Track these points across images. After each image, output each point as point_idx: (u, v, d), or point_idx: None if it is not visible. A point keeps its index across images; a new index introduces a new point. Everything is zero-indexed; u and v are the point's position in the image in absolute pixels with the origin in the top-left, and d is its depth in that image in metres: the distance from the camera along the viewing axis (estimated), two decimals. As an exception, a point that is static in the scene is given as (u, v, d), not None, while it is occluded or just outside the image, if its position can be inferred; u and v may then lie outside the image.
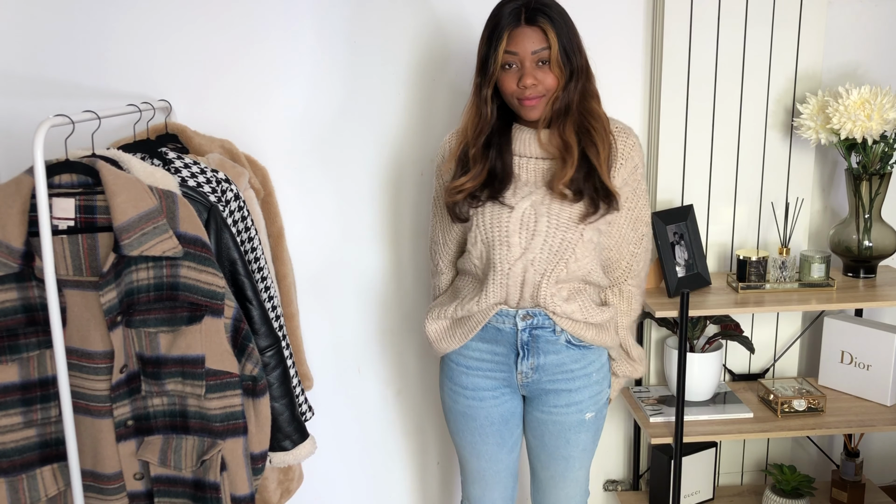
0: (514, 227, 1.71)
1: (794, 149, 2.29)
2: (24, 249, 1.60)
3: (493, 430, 1.87)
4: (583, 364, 1.81)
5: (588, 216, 1.71)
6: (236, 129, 2.18)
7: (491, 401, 1.85)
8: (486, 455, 1.90)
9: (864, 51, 2.30)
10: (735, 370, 2.43)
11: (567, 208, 1.71)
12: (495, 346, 1.80)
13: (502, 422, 1.87)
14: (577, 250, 1.72)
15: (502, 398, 1.85)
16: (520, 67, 1.66)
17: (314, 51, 2.19)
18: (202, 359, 1.64)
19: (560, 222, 1.71)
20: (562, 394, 1.81)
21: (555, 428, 1.84)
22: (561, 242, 1.71)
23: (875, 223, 2.21)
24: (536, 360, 1.78)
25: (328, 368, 2.39)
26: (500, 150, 1.74)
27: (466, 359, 1.84)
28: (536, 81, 1.65)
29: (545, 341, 1.77)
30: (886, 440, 2.55)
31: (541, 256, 1.71)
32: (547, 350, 1.78)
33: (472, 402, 1.85)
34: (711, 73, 2.22)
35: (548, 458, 1.88)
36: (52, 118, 1.56)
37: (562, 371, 1.79)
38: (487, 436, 1.87)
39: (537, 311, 1.75)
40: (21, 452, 1.67)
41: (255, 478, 1.76)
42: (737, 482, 2.51)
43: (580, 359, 1.80)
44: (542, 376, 1.80)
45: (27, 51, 2.14)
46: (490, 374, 1.83)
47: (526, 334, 1.76)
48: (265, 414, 1.75)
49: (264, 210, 2.10)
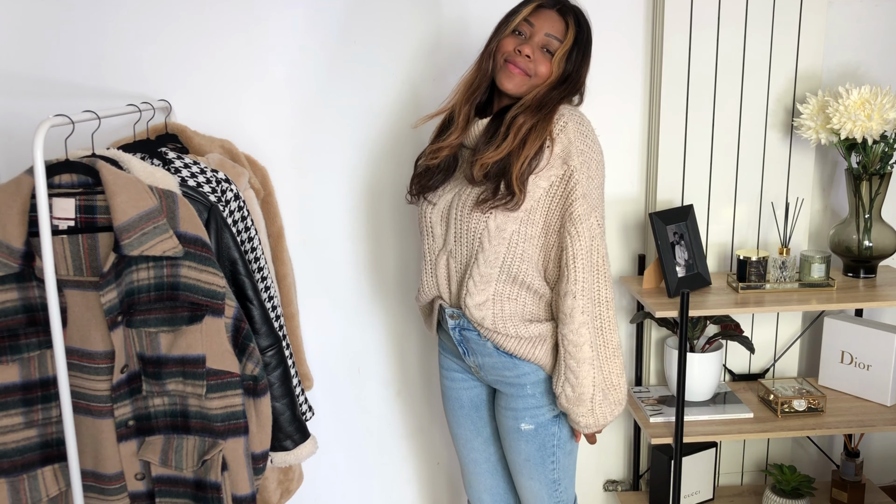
0: (437, 217, 1.74)
1: (794, 149, 2.29)
2: (24, 249, 1.59)
3: (465, 414, 1.91)
4: (516, 374, 1.74)
5: (484, 202, 1.63)
6: (236, 129, 2.18)
7: (461, 383, 1.89)
8: (462, 439, 1.94)
9: (864, 51, 2.30)
10: (735, 370, 2.43)
11: (470, 192, 1.67)
12: (449, 341, 1.85)
13: (472, 407, 1.90)
14: (483, 242, 1.65)
15: (470, 383, 1.88)
16: (526, 39, 1.66)
17: (314, 51, 2.19)
18: (203, 358, 1.64)
19: (465, 208, 1.68)
20: (502, 396, 1.81)
21: (502, 428, 1.84)
22: (467, 231, 1.68)
23: (875, 223, 2.21)
24: (476, 358, 1.79)
25: (328, 368, 2.39)
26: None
27: (442, 343, 1.91)
28: (533, 58, 1.65)
29: (475, 343, 1.76)
30: (886, 440, 2.55)
31: (456, 248, 1.71)
32: (481, 352, 1.77)
33: (448, 384, 1.92)
34: (711, 72, 2.23)
35: (506, 455, 1.89)
36: (52, 118, 1.56)
37: (499, 374, 1.77)
38: (460, 419, 1.92)
39: (459, 311, 1.75)
40: (22, 453, 1.67)
41: (257, 478, 1.76)
42: (737, 482, 2.51)
43: (512, 367, 1.74)
44: (486, 374, 1.80)
45: (27, 51, 2.14)
46: (457, 362, 1.88)
47: (457, 333, 1.78)
48: (266, 414, 1.75)
49: (264, 210, 2.10)
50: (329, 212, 2.30)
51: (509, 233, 1.66)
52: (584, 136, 1.65)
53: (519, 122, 1.63)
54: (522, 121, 1.63)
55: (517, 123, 1.63)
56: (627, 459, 2.53)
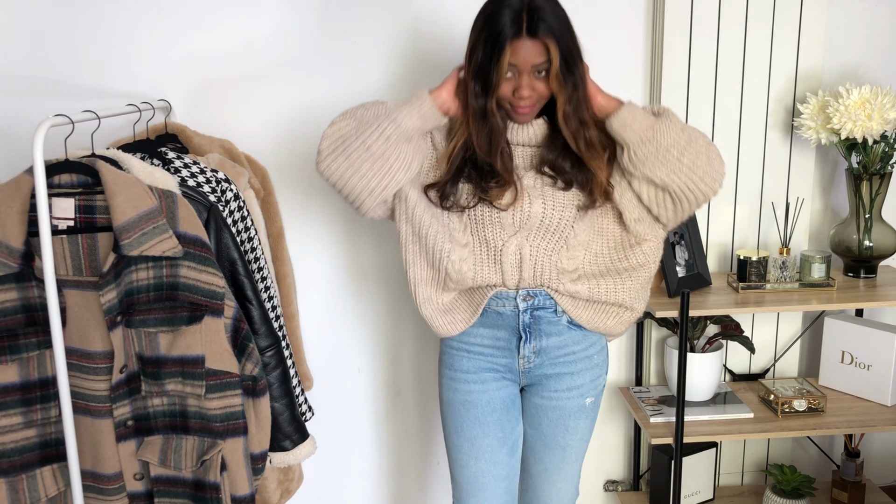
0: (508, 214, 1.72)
1: (794, 149, 2.29)
2: (23, 249, 1.59)
3: (495, 420, 1.81)
4: (584, 345, 1.80)
5: (585, 208, 1.71)
6: (236, 129, 2.18)
7: (493, 384, 1.81)
8: (486, 453, 1.83)
9: (865, 51, 2.30)
10: (735, 370, 2.43)
11: (556, 191, 1.71)
12: (497, 331, 1.79)
13: (503, 409, 1.82)
14: (575, 223, 1.71)
15: (504, 382, 1.82)
16: (516, 77, 1.61)
17: (314, 50, 2.19)
18: (202, 359, 1.64)
19: (554, 201, 1.71)
20: (563, 377, 1.79)
21: (554, 414, 1.82)
22: (556, 218, 1.70)
23: (875, 223, 2.21)
24: (538, 342, 1.77)
25: (328, 368, 2.39)
26: (494, 136, 1.69)
27: (468, 344, 1.82)
28: (532, 92, 1.62)
29: (547, 322, 1.76)
30: (887, 440, 2.55)
31: (536, 232, 1.70)
32: (549, 332, 1.76)
33: (475, 387, 1.81)
34: (711, 72, 2.22)
35: (543, 447, 1.86)
36: (52, 118, 1.56)
37: (564, 354, 1.78)
38: (488, 426, 1.81)
39: (538, 290, 1.74)
40: (21, 453, 1.67)
41: (256, 478, 1.76)
42: (737, 482, 2.51)
43: (581, 340, 1.79)
44: (544, 360, 1.78)
45: (27, 51, 2.14)
46: (492, 359, 1.81)
47: (527, 316, 1.75)
48: (265, 414, 1.74)
49: (264, 210, 2.10)
50: (329, 212, 2.30)
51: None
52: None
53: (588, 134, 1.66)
54: (590, 135, 1.66)
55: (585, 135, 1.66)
56: (627, 459, 2.53)
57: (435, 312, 1.80)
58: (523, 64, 1.59)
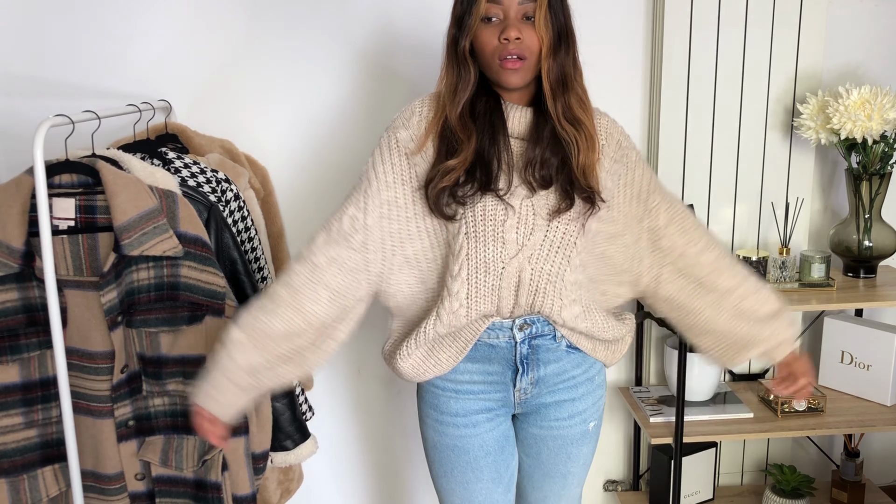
0: (513, 222, 1.48)
1: (794, 149, 2.29)
2: (24, 249, 1.59)
3: (489, 462, 1.63)
4: (585, 368, 1.63)
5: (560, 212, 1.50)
6: (236, 129, 2.18)
7: (485, 425, 1.60)
8: (480, 495, 1.64)
9: (864, 51, 2.30)
10: (735, 370, 2.43)
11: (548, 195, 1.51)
12: (488, 366, 1.58)
13: (498, 449, 1.63)
14: (578, 242, 1.51)
15: (497, 420, 1.62)
16: (502, 20, 1.42)
17: (314, 50, 2.19)
18: (203, 359, 1.64)
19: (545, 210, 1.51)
20: (564, 405, 1.62)
21: (555, 443, 1.65)
22: (559, 234, 1.50)
23: (875, 223, 2.21)
24: (536, 372, 1.58)
25: (328, 368, 2.39)
26: (492, 125, 1.48)
27: (455, 382, 1.59)
28: (520, 35, 1.41)
29: (545, 350, 1.56)
30: (886, 440, 2.55)
31: (539, 252, 1.49)
32: (548, 359, 1.57)
33: (465, 431, 1.60)
34: (711, 72, 2.23)
35: (543, 477, 1.69)
36: (52, 118, 1.56)
37: (564, 380, 1.61)
38: (482, 470, 1.62)
39: (535, 317, 1.54)
40: (22, 453, 1.67)
41: (257, 478, 1.76)
42: (737, 482, 2.51)
43: (581, 363, 1.62)
44: (541, 389, 1.60)
45: (27, 51, 2.14)
46: (483, 397, 1.59)
47: (525, 346, 1.55)
48: (266, 414, 1.75)
49: (264, 210, 2.10)
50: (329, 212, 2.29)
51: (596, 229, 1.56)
52: (617, 125, 1.59)
53: (574, 112, 1.47)
54: (571, 107, 1.47)
55: (575, 113, 1.47)
56: (627, 459, 2.53)
57: (416, 367, 1.57)
58: (508, 3, 1.41)
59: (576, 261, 1.52)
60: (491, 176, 1.46)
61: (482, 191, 1.46)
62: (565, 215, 1.49)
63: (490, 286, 1.49)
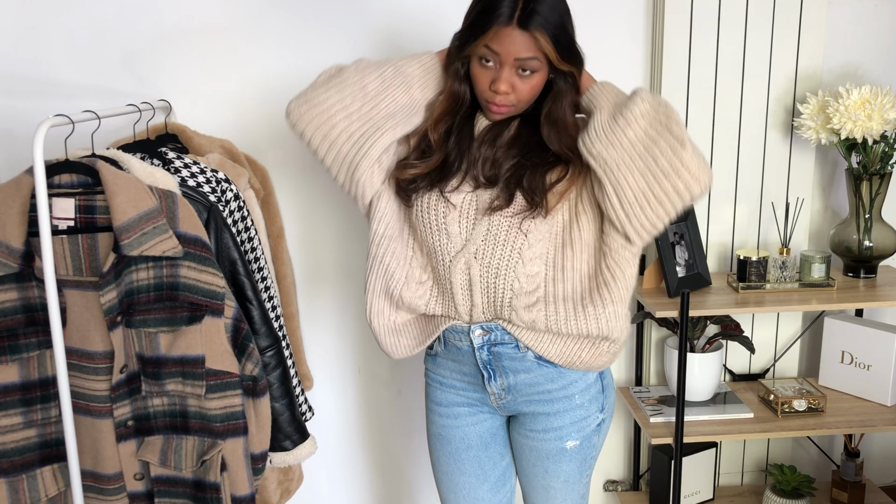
0: (455, 215, 1.54)
1: (794, 149, 2.29)
2: (24, 249, 1.59)
3: (471, 457, 1.66)
4: (562, 384, 1.58)
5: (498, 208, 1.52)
6: (236, 129, 2.18)
7: (467, 418, 1.65)
8: (463, 489, 1.68)
9: (865, 51, 2.30)
10: (735, 370, 2.43)
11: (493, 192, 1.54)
12: (461, 366, 1.63)
13: (481, 445, 1.66)
14: (528, 235, 1.52)
15: (480, 416, 1.65)
16: (497, 68, 1.44)
17: (314, 50, 2.19)
18: (202, 359, 1.64)
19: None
20: (539, 417, 1.60)
21: (531, 454, 1.65)
22: (502, 227, 1.51)
23: (875, 223, 2.21)
24: (505, 380, 1.58)
25: (328, 368, 2.39)
26: (463, 138, 1.54)
27: (440, 375, 1.68)
28: (510, 90, 1.44)
29: (510, 359, 1.56)
30: (887, 440, 2.55)
31: (484, 248, 1.52)
32: (515, 369, 1.57)
33: (448, 422, 1.66)
34: (711, 72, 2.22)
35: (528, 484, 1.71)
36: (52, 118, 1.56)
37: (537, 392, 1.59)
38: (464, 463, 1.66)
39: (494, 325, 1.54)
40: (21, 453, 1.67)
41: (256, 478, 1.76)
42: (737, 482, 2.51)
43: (557, 378, 1.57)
44: (516, 397, 1.60)
45: (27, 51, 2.14)
46: (463, 393, 1.66)
47: (485, 353, 1.56)
48: (265, 414, 1.74)
49: (264, 210, 2.10)
50: (329, 212, 2.30)
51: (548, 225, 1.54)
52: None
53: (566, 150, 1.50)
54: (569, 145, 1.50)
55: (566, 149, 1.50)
56: (627, 459, 2.53)
57: (384, 328, 1.63)
58: (506, 55, 1.41)
59: (528, 254, 1.52)
60: (445, 180, 1.54)
61: (430, 188, 1.54)
62: (505, 211, 1.50)
63: (444, 278, 1.55)
